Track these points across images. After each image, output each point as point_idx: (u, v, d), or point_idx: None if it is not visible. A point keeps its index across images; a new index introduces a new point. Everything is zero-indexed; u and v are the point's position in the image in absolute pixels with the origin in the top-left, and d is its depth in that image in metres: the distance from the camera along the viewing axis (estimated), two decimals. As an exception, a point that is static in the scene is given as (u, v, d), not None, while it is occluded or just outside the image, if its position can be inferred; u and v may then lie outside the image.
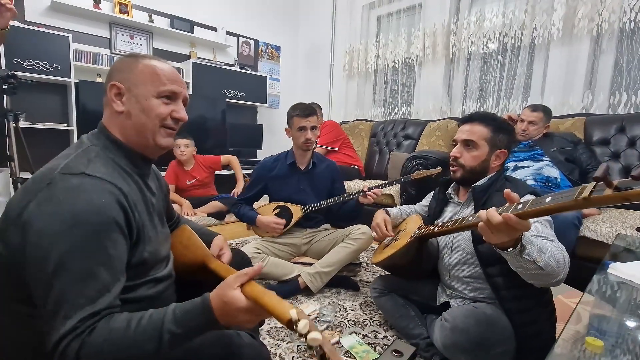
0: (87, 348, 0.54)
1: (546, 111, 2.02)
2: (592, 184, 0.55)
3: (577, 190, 0.58)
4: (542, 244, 0.82)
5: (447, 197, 1.24)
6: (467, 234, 1.08)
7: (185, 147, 2.71)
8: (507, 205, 0.73)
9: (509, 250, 0.78)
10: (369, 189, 1.62)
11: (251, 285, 0.62)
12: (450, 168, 1.16)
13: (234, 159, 3.02)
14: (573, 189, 0.59)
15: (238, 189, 2.87)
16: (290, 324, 0.55)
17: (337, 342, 1.24)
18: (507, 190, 0.73)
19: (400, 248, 1.14)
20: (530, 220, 0.72)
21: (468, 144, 1.11)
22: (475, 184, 1.11)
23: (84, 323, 0.55)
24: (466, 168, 1.12)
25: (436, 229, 1.02)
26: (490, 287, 1.02)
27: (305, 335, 0.52)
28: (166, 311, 0.60)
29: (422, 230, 1.10)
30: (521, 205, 0.70)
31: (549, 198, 0.64)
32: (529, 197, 0.99)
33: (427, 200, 1.44)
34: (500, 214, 0.72)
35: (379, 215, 1.36)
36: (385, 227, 1.30)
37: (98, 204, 0.58)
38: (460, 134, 1.14)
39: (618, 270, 0.86)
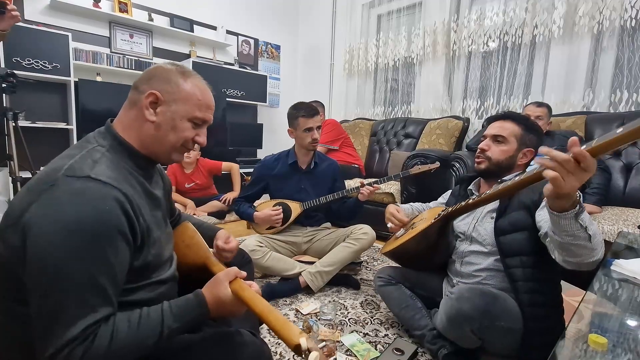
0: (91, 352, 0.54)
1: (548, 107, 2.03)
2: None
3: None
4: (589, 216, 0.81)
5: (468, 194, 1.23)
6: (490, 226, 1.09)
7: (192, 151, 2.68)
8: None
9: (569, 212, 0.75)
10: (368, 185, 1.62)
11: (238, 283, 0.70)
12: (476, 160, 1.17)
13: (235, 169, 2.99)
14: None
15: (229, 196, 2.86)
16: (299, 351, 0.56)
17: (338, 341, 1.23)
18: (573, 138, 0.67)
19: (422, 229, 1.13)
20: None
21: (498, 138, 1.13)
22: (504, 178, 1.11)
23: (86, 331, 0.55)
24: (492, 161, 1.13)
25: (470, 200, 1.01)
26: (506, 277, 1.03)
27: None
28: (162, 308, 0.64)
29: (450, 209, 1.09)
30: (585, 145, 0.64)
31: (620, 129, 0.57)
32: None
33: (443, 198, 1.43)
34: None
35: (391, 206, 1.35)
36: (399, 214, 1.30)
37: (101, 211, 0.57)
38: (490, 129, 1.16)
39: (621, 267, 0.86)
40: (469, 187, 1.24)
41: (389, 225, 1.34)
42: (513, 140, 1.12)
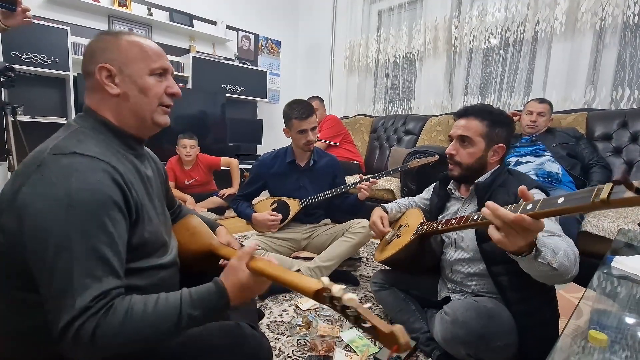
0: (103, 328, 0.54)
1: (550, 104, 2.02)
2: (609, 185, 0.52)
3: (594, 192, 0.54)
4: (554, 243, 0.79)
5: (449, 192, 1.23)
6: (472, 232, 1.07)
7: (190, 148, 2.70)
8: (514, 205, 0.70)
9: (524, 256, 0.73)
10: (366, 180, 1.61)
11: (254, 261, 0.66)
12: (449, 166, 1.15)
13: (234, 164, 2.98)
14: (588, 190, 0.55)
15: (226, 191, 2.86)
16: (320, 293, 0.56)
17: (337, 337, 1.24)
18: (522, 187, 0.68)
19: (403, 246, 1.13)
20: None
21: (463, 140, 1.09)
22: (478, 181, 1.09)
23: (96, 303, 0.54)
24: (463, 166, 1.10)
25: (440, 226, 1.00)
26: (494, 286, 1.01)
27: (341, 298, 0.54)
28: (182, 294, 0.62)
29: (425, 227, 1.08)
30: (531, 205, 0.66)
31: (562, 199, 0.60)
32: (535, 192, 0.98)
33: (427, 193, 1.42)
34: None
35: (376, 213, 1.34)
36: (382, 224, 1.30)
37: (92, 183, 0.57)
38: (455, 129, 1.11)
39: (622, 263, 0.85)
40: (448, 187, 1.22)
41: (371, 233, 1.35)
42: (479, 139, 1.06)
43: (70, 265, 0.54)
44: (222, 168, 2.97)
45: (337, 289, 0.55)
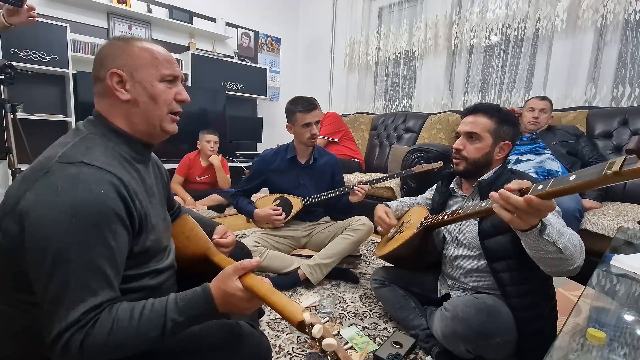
0: (91, 339, 0.54)
1: (550, 101, 2.02)
2: (621, 158, 0.51)
3: (605, 165, 0.53)
4: (559, 226, 0.80)
5: (451, 191, 1.23)
6: (474, 228, 1.07)
7: (214, 144, 2.78)
8: (525, 187, 0.71)
9: (530, 230, 0.75)
10: (362, 183, 1.62)
11: (249, 277, 0.64)
12: (453, 160, 1.15)
13: (223, 178, 2.91)
14: (600, 164, 0.54)
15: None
16: (302, 327, 0.56)
17: (338, 334, 1.24)
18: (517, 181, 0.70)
19: (405, 240, 1.13)
20: None
21: (471, 135, 1.09)
22: (481, 178, 1.09)
23: (87, 315, 0.54)
24: (469, 160, 1.10)
25: (445, 217, 1.01)
26: (495, 282, 1.01)
27: (320, 340, 0.53)
28: (168, 300, 0.62)
29: (430, 219, 1.09)
30: (541, 186, 0.66)
31: (573, 176, 0.59)
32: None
33: (429, 193, 1.43)
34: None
35: (380, 209, 1.35)
36: (388, 217, 1.30)
37: (97, 195, 0.57)
38: (463, 125, 1.12)
39: (621, 262, 0.86)
40: (450, 185, 1.23)
41: (378, 229, 1.35)
42: (487, 135, 1.08)
43: (68, 277, 0.54)
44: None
45: (317, 329, 0.54)
